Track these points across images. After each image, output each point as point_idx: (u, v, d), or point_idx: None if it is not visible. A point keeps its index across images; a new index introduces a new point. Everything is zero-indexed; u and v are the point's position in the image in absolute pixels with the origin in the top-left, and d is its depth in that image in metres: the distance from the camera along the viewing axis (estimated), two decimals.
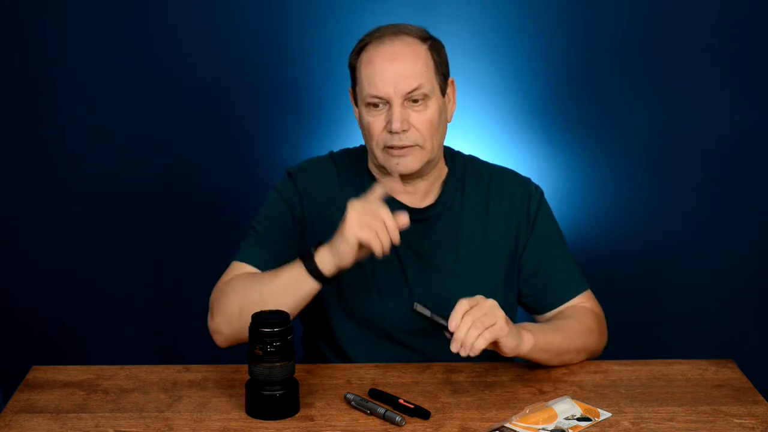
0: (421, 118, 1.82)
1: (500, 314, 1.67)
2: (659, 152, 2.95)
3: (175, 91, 2.93)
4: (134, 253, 3.03)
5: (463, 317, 1.64)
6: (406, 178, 1.90)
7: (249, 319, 1.65)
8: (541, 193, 2.00)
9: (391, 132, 1.81)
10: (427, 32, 1.88)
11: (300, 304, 1.79)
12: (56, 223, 3.00)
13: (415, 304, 1.70)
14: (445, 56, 1.89)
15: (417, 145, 1.83)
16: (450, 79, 1.91)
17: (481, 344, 1.63)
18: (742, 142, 2.93)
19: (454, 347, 1.64)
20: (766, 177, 2.96)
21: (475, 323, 1.64)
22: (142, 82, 2.92)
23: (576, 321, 1.89)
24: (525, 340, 1.74)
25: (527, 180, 2.01)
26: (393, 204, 1.92)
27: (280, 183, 1.96)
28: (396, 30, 1.85)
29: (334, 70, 2.86)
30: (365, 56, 1.84)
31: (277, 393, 1.63)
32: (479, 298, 1.68)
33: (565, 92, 2.94)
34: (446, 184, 1.95)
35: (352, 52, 1.88)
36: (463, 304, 1.65)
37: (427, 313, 1.69)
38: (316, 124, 2.94)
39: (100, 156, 2.96)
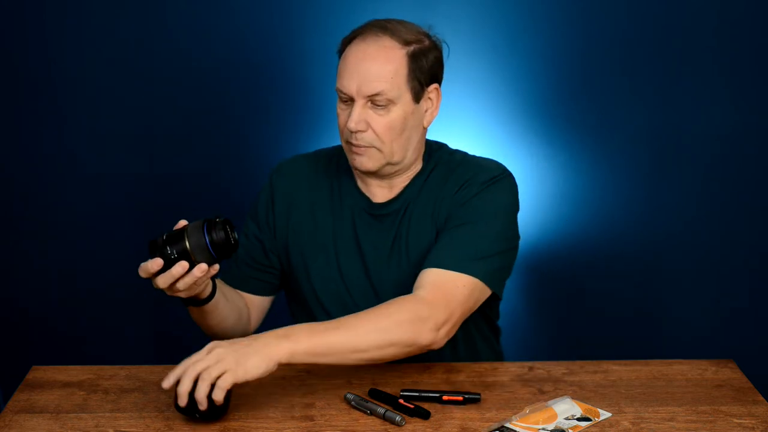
0: (381, 121, 1.83)
1: (230, 359, 1.58)
2: (659, 152, 2.95)
3: (175, 90, 2.93)
4: (134, 253, 3.01)
5: (185, 372, 1.58)
6: (371, 175, 1.92)
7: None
8: (499, 182, 1.89)
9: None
10: (418, 34, 1.85)
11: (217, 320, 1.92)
12: (56, 223, 2.99)
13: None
14: (432, 62, 1.86)
15: (373, 147, 1.84)
16: (433, 86, 1.87)
17: (219, 395, 1.57)
18: (742, 142, 2.93)
19: (181, 401, 1.58)
20: (766, 177, 2.96)
21: (202, 376, 1.57)
22: (142, 82, 2.92)
23: (384, 314, 1.72)
24: (275, 356, 1.61)
25: (494, 168, 1.92)
26: (360, 199, 1.94)
27: (261, 189, 2.03)
28: (381, 28, 1.84)
29: (334, 70, 2.85)
30: (345, 50, 1.87)
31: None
32: (204, 351, 1.61)
33: (565, 92, 2.94)
34: (414, 179, 1.94)
35: (342, 40, 1.90)
36: (182, 366, 1.60)
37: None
38: (316, 123, 2.93)
39: (100, 156, 2.96)
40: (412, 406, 1.66)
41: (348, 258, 1.94)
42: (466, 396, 1.70)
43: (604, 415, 1.67)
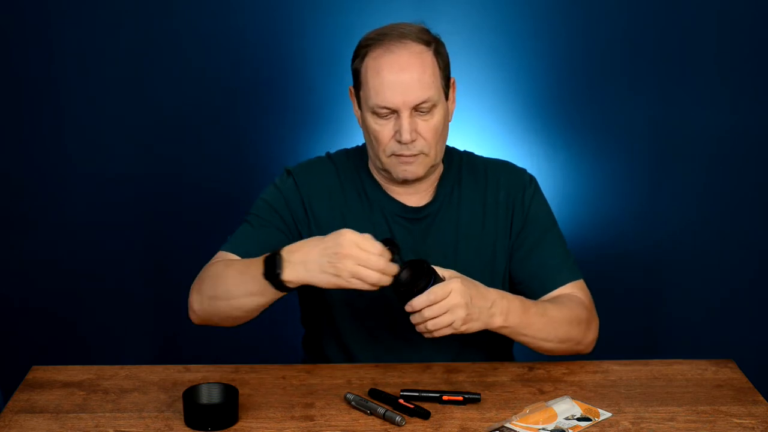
0: (428, 126, 1.84)
1: (460, 314, 1.67)
2: (659, 152, 2.95)
3: (177, 92, 2.93)
4: (135, 254, 3.03)
5: (421, 310, 1.67)
6: (412, 181, 1.91)
7: (218, 306, 1.78)
8: (536, 182, 2.00)
9: (400, 142, 1.83)
10: (428, 32, 1.87)
11: (263, 306, 1.77)
12: (56, 223, 3.00)
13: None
14: (447, 55, 1.89)
15: (422, 153, 1.85)
16: (451, 80, 1.91)
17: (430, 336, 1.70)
18: (742, 142, 2.93)
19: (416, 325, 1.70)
20: (766, 177, 2.96)
21: (430, 324, 1.67)
22: (143, 83, 2.92)
23: (567, 309, 1.87)
24: (493, 323, 1.75)
25: (522, 170, 2.01)
26: (392, 204, 1.93)
27: (279, 179, 1.97)
28: (400, 35, 1.84)
29: (334, 70, 2.86)
30: (372, 64, 1.83)
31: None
32: (447, 289, 1.67)
33: (565, 92, 2.94)
34: (442, 181, 1.96)
35: (355, 56, 1.88)
36: (424, 299, 1.66)
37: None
38: (316, 124, 2.94)
39: (101, 156, 2.96)
40: (412, 406, 1.66)
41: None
42: (466, 396, 1.70)
43: (604, 415, 1.67)
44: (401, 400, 1.67)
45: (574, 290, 1.93)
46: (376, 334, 1.95)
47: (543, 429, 1.61)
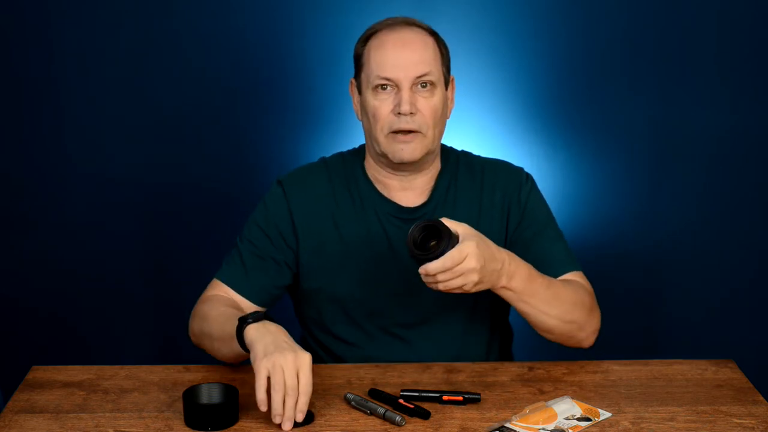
0: (428, 104, 1.85)
1: (473, 278, 1.67)
2: (659, 152, 2.95)
3: (177, 92, 2.92)
4: (135, 254, 3.03)
5: (435, 275, 1.66)
6: (405, 169, 1.90)
7: (204, 343, 1.84)
8: (532, 180, 2.00)
9: (399, 114, 1.84)
10: (432, 29, 1.92)
11: (239, 357, 1.77)
12: (56, 224, 3.00)
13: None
14: (448, 52, 1.93)
15: (420, 132, 1.85)
16: (451, 77, 1.93)
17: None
18: (742, 142, 2.93)
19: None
20: (766, 177, 2.96)
21: (441, 286, 1.67)
22: (144, 83, 2.92)
23: (572, 290, 1.86)
24: (498, 284, 1.74)
25: (519, 169, 2.01)
26: (386, 204, 1.92)
27: (268, 194, 1.97)
28: (405, 21, 1.90)
29: (334, 70, 2.86)
30: (375, 42, 1.87)
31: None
32: (463, 254, 1.66)
33: (565, 92, 2.94)
34: (438, 181, 1.96)
35: (359, 41, 1.91)
36: (439, 265, 1.65)
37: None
38: (316, 124, 2.93)
39: (101, 156, 2.96)
40: (412, 406, 1.66)
41: (382, 264, 1.92)
42: (466, 396, 1.70)
43: (604, 415, 1.67)
44: (401, 400, 1.68)
45: (577, 278, 1.93)
46: (372, 337, 1.95)
47: (543, 429, 1.62)
